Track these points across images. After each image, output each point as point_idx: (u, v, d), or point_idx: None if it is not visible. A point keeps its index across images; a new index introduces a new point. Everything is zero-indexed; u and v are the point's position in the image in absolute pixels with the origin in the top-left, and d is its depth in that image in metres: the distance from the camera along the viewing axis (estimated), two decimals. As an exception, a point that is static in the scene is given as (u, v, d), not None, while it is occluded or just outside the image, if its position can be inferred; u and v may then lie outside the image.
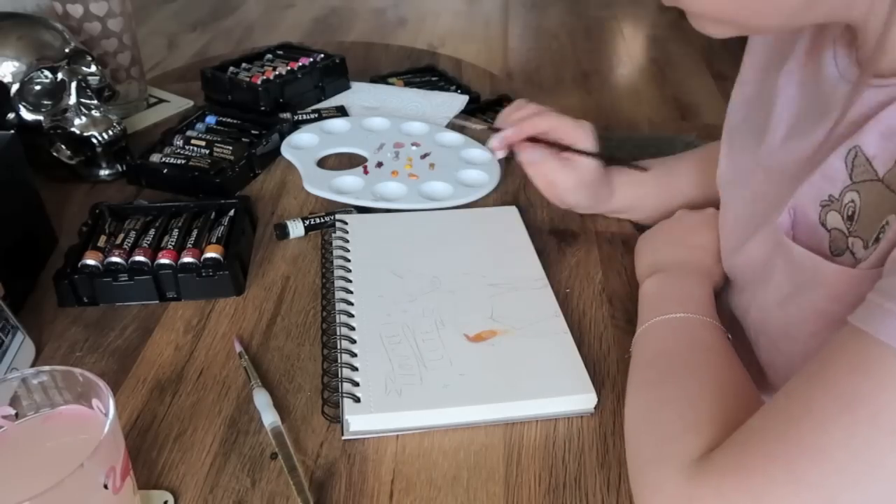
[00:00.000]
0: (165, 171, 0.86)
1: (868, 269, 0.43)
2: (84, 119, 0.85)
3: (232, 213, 0.77)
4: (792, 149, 0.55)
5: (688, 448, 0.44)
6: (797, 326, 0.50)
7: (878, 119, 0.45)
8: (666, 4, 0.49)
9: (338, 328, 0.62)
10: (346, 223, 0.77)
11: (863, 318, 0.37)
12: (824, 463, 0.36)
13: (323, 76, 1.08)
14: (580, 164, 0.72)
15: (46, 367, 0.44)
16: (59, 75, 0.84)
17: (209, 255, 0.70)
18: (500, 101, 1.19)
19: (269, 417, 0.55)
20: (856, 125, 0.48)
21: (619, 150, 0.72)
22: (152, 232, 0.73)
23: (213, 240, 0.72)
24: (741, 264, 0.60)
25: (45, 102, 0.84)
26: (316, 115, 1.01)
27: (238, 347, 0.62)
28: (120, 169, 0.88)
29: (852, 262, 0.46)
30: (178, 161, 0.87)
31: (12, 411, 0.44)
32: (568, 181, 0.73)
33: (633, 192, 0.78)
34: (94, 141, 0.85)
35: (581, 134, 0.71)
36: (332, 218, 0.77)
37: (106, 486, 0.40)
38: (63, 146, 0.86)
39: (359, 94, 1.10)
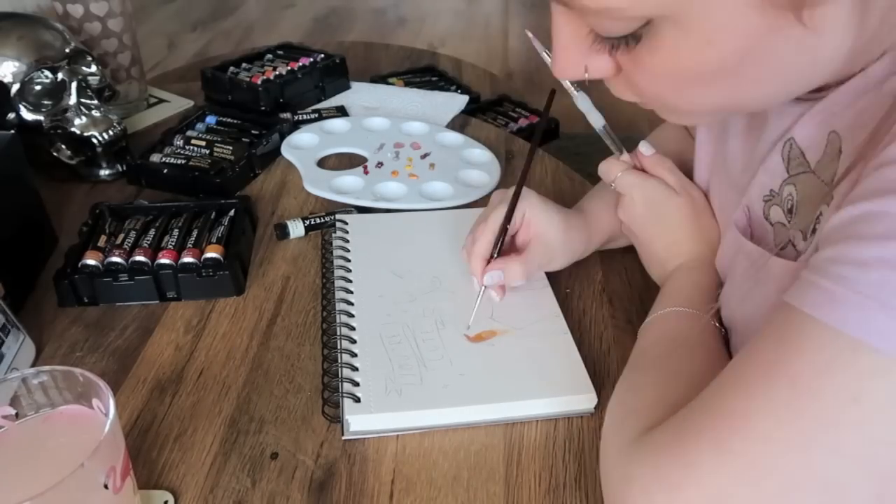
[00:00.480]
0: (165, 171, 0.86)
1: (806, 261, 0.44)
2: (84, 119, 0.85)
3: (232, 213, 0.77)
4: (746, 143, 0.56)
5: (628, 431, 0.45)
6: (756, 321, 0.51)
7: (810, 112, 0.45)
8: (645, 104, 0.47)
9: (338, 328, 0.62)
10: (346, 223, 0.77)
11: (791, 294, 0.38)
12: (747, 431, 0.37)
13: (323, 76, 1.08)
14: (532, 250, 0.65)
15: (47, 367, 0.44)
16: (60, 75, 0.84)
17: (209, 255, 0.70)
18: (501, 101, 1.20)
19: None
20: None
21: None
22: (152, 232, 0.73)
23: (214, 240, 0.72)
24: (717, 260, 0.61)
25: (46, 102, 0.84)
26: (316, 115, 1.01)
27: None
28: (120, 169, 0.88)
29: (794, 255, 0.47)
30: (179, 161, 0.88)
31: (12, 411, 0.44)
32: (538, 264, 0.67)
33: (607, 215, 0.72)
34: (95, 141, 0.85)
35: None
36: (333, 218, 0.77)
37: (106, 486, 0.40)
38: (63, 146, 0.86)
39: (359, 94, 1.10)
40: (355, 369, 0.58)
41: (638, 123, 0.65)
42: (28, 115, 0.83)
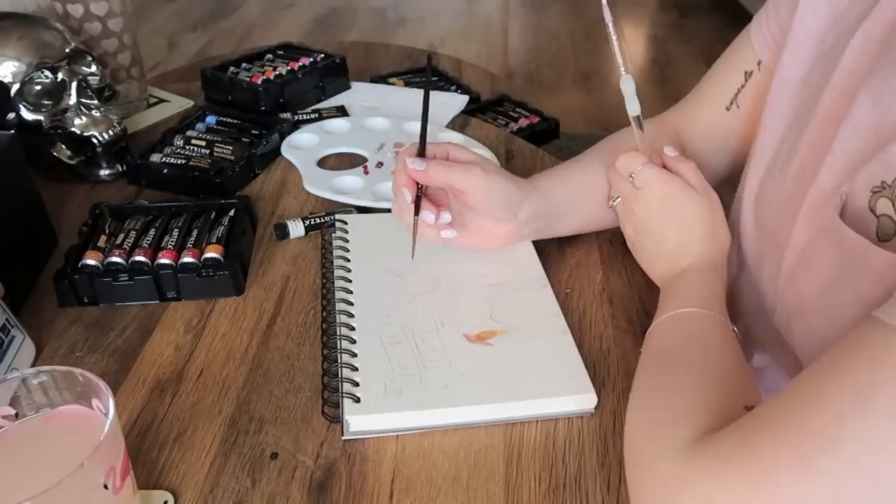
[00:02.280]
0: (166, 171, 0.86)
1: None
2: (84, 119, 0.85)
3: (232, 213, 0.77)
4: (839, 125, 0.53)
5: (681, 432, 0.44)
6: (838, 310, 0.50)
7: None
8: None
9: (338, 328, 0.62)
10: (345, 223, 0.77)
11: (888, 312, 0.37)
12: (836, 452, 0.36)
13: (323, 76, 1.08)
14: (476, 202, 0.66)
15: (46, 367, 0.44)
16: (60, 75, 0.84)
17: (209, 255, 0.70)
18: (501, 102, 1.20)
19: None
20: None
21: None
22: (152, 232, 0.73)
23: (214, 240, 0.72)
24: (781, 245, 0.59)
25: (46, 102, 0.84)
26: (316, 115, 1.01)
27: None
28: (120, 169, 0.88)
29: None
30: (179, 161, 0.88)
31: (12, 411, 0.44)
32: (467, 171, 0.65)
33: (564, 197, 0.71)
34: (95, 141, 0.85)
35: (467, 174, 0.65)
36: (332, 218, 0.77)
37: (106, 486, 0.40)
38: (63, 146, 0.86)
39: (359, 94, 1.10)
40: (355, 369, 0.58)
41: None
42: (28, 115, 0.83)
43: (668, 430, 0.45)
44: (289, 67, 1.07)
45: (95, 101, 0.86)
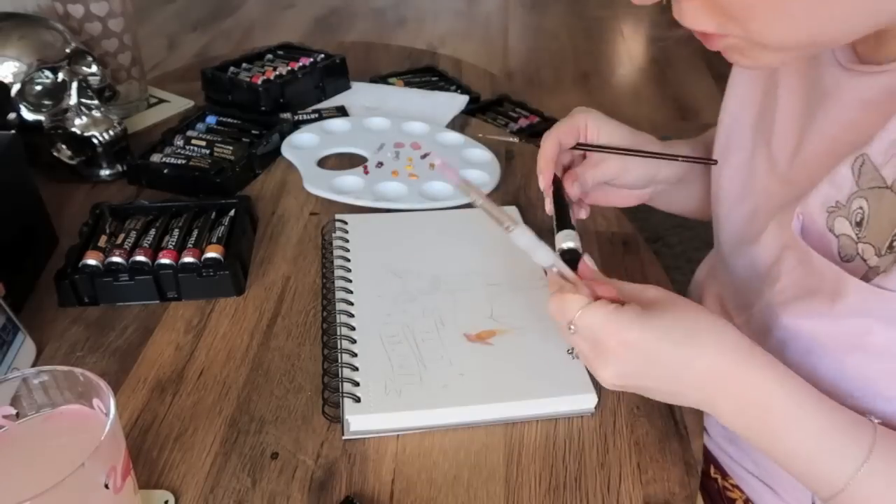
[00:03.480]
0: (166, 171, 0.86)
1: (893, 289, 0.44)
2: (85, 119, 0.85)
3: (232, 213, 0.77)
4: (797, 145, 0.56)
5: None
6: (806, 328, 0.51)
7: (886, 129, 0.46)
8: (712, 46, 0.45)
9: (338, 328, 0.62)
10: (345, 223, 0.77)
11: None
12: None
13: (323, 76, 1.08)
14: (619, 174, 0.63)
15: (47, 367, 0.44)
16: (60, 75, 0.84)
17: (209, 255, 0.70)
18: (501, 102, 1.20)
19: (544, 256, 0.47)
20: (853, 121, 0.49)
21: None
22: (153, 232, 0.73)
23: (214, 240, 0.72)
24: (749, 261, 0.60)
25: (46, 102, 0.84)
26: (316, 115, 1.01)
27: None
28: (120, 169, 0.88)
29: (864, 269, 0.46)
30: (179, 161, 0.88)
31: (13, 411, 0.44)
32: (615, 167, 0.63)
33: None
34: (95, 141, 0.85)
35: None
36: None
37: (107, 486, 0.40)
38: (64, 146, 0.86)
39: (359, 94, 1.10)
40: (355, 369, 0.58)
41: (637, 123, 0.65)
42: (28, 115, 0.83)
43: None
44: (289, 67, 1.07)
45: (96, 102, 0.86)
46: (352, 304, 0.65)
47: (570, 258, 0.53)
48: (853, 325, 0.47)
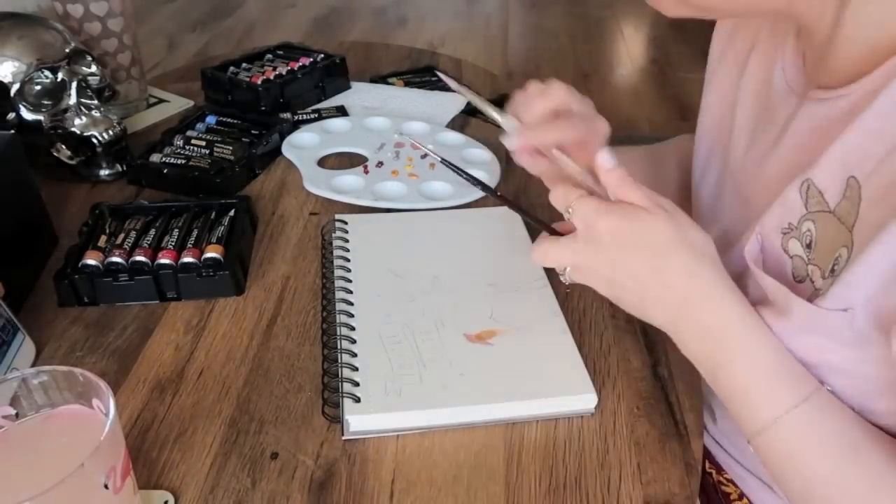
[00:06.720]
0: (166, 171, 0.86)
1: (830, 308, 0.45)
2: (84, 119, 0.85)
3: (232, 213, 0.77)
4: (752, 165, 0.58)
5: None
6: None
7: (827, 154, 0.47)
8: None
9: (338, 328, 0.62)
10: (345, 223, 0.77)
11: None
12: None
13: (323, 76, 1.08)
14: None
15: (47, 367, 0.44)
16: (60, 75, 0.84)
17: (209, 254, 0.70)
18: (501, 102, 1.20)
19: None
20: (804, 146, 0.51)
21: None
22: (152, 232, 0.73)
23: (214, 240, 0.72)
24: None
25: (46, 102, 0.84)
26: (316, 115, 1.01)
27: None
28: (120, 169, 0.88)
29: (811, 290, 0.48)
30: (179, 161, 0.88)
31: (13, 411, 0.44)
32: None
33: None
34: (95, 141, 0.85)
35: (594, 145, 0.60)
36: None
37: (106, 486, 0.40)
38: (63, 146, 0.86)
39: (359, 94, 1.10)
40: (355, 369, 0.58)
41: (637, 123, 0.64)
42: (28, 115, 0.83)
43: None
44: (289, 67, 1.07)
45: (95, 101, 0.86)
46: (352, 304, 0.65)
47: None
48: (809, 343, 0.48)
